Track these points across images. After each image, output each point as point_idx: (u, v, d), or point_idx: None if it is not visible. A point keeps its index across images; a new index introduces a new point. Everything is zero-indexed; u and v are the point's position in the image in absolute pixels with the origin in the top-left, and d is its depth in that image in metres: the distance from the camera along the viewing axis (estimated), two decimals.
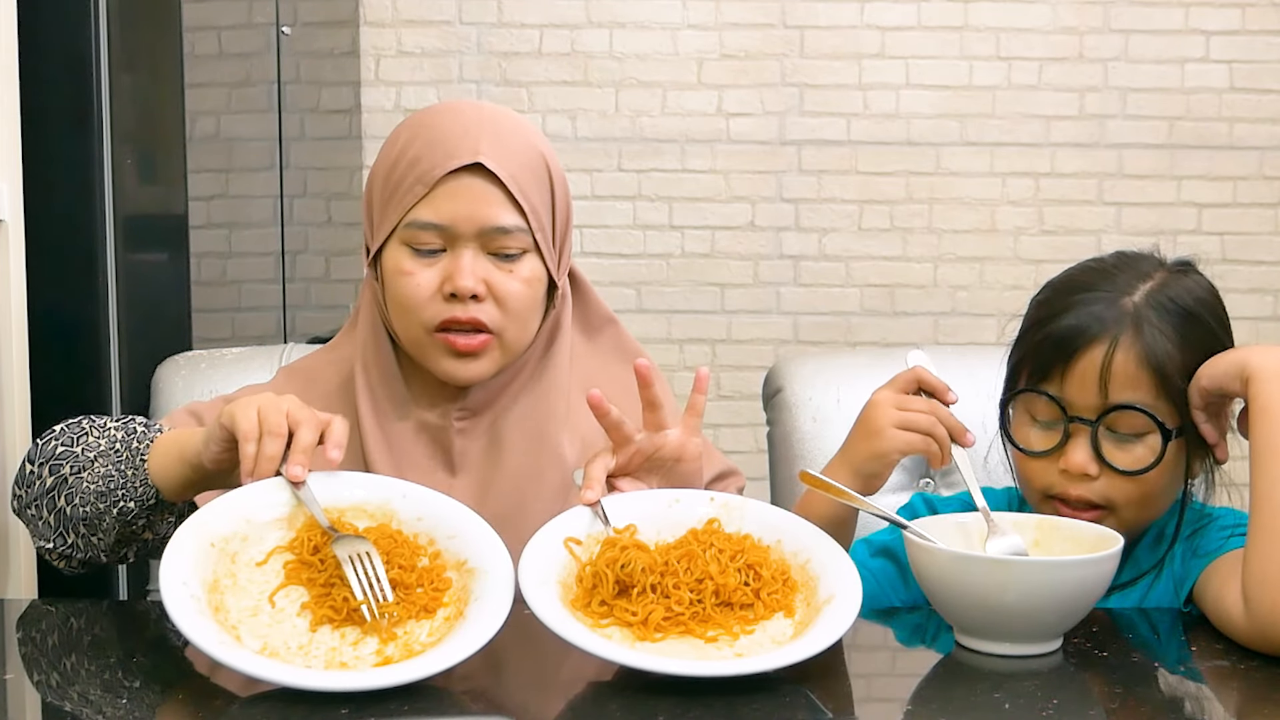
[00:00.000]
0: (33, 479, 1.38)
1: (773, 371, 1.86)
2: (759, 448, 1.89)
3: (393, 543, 1.16)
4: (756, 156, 3.70)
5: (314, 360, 1.54)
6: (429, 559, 1.18)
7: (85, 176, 1.84)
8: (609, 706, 1.08)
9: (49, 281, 1.81)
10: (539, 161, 1.43)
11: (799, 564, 1.22)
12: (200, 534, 1.14)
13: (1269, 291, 3.73)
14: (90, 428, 1.40)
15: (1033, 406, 1.38)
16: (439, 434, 1.45)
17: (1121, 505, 1.35)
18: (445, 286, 1.39)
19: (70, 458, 1.37)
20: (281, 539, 1.16)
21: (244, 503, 1.17)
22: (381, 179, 1.44)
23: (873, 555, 1.47)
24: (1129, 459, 1.33)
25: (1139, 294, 1.36)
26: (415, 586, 1.14)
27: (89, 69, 1.83)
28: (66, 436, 1.40)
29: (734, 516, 1.27)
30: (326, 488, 1.20)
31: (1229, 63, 3.67)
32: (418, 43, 3.66)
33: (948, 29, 3.67)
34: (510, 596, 1.14)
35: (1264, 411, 1.26)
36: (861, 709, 1.14)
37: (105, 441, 1.37)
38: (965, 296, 3.73)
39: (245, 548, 1.15)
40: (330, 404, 1.44)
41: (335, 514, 1.19)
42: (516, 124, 1.45)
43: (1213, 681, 1.20)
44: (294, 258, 2.77)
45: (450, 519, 1.21)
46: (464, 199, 1.38)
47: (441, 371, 1.42)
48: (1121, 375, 1.33)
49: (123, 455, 1.34)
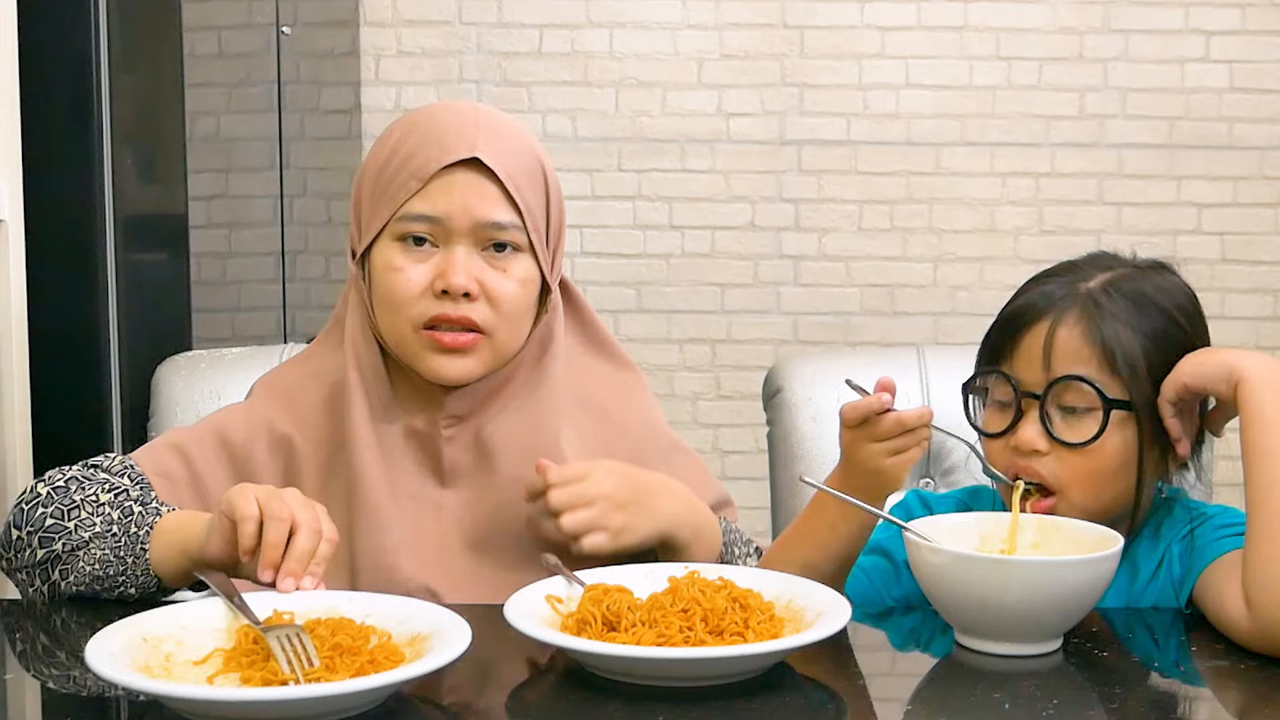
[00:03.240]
0: (21, 546, 1.34)
1: (773, 371, 1.86)
2: (759, 448, 1.89)
3: (337, 625, 1.12)
4: (756, 156, 3.70)
5: (291, 375, 1.49)
6: (380, 638, 1.13)
7: (85, 176, 1.84)
8: (609, 706, 1.08)
9: (49, 281, 1.81)
10: (535, 162, 1.42)
11: (782, 604, 1.21)
12: (132, 628, 1.11)
13: (1269, 291, 3.73)
14: (81, 499, 1.34)
15: (993, 390, 1.41)
16: (427, 441, 1.42)
17: (1072, 485, 1.35)
18: (437, 283, 1.37)
19: (62, 533, 1.32)
20: (221, 642, 1.13)
21: (179, 613, 1.15)
22: (372, 177, 1.41)
23: (865, 553, 1.47)
24: (1076, 434, 1.34)
25: (1095, 281, 1.38)
26: (365, 656, 1.09)
27: (89, 69, 1.83)
28: (55, 507, 1.34)
29: (711, 572, 1.25)
30: (272, 599, 1.17)
31: (1229, 63, 3.67)
32: (418, 43, 3.66)
33: (948, 29, 3.67)
34: (469, 636, 1.09)
35: (1257, 417, 1.26)
36: (861, 709, 1.14)
37: (100, 521, 1.32)
38: (965, 296, 3.73)
39: (181, 650, 1.12)
40: (316, 422, 1.42)
41: (284, 615, 1.14)
42: (512, 124, 1.44)
43: (1213, 681, 1.21)
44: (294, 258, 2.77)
45: (398, 609, 1.17)
46: (459, 193, 1.37)
47: (428, 370, 1.39)
48: (1064, 349, 1.34)
49: (121, 540, 1.31)
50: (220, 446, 1.42)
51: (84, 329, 1.86)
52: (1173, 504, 1.42)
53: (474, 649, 1.08)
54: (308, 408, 1.44)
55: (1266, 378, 1.27)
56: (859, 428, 1.31)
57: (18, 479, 1.75)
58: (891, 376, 1.32)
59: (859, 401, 1.30)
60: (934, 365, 1.79)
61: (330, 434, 1.42)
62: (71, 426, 1.86)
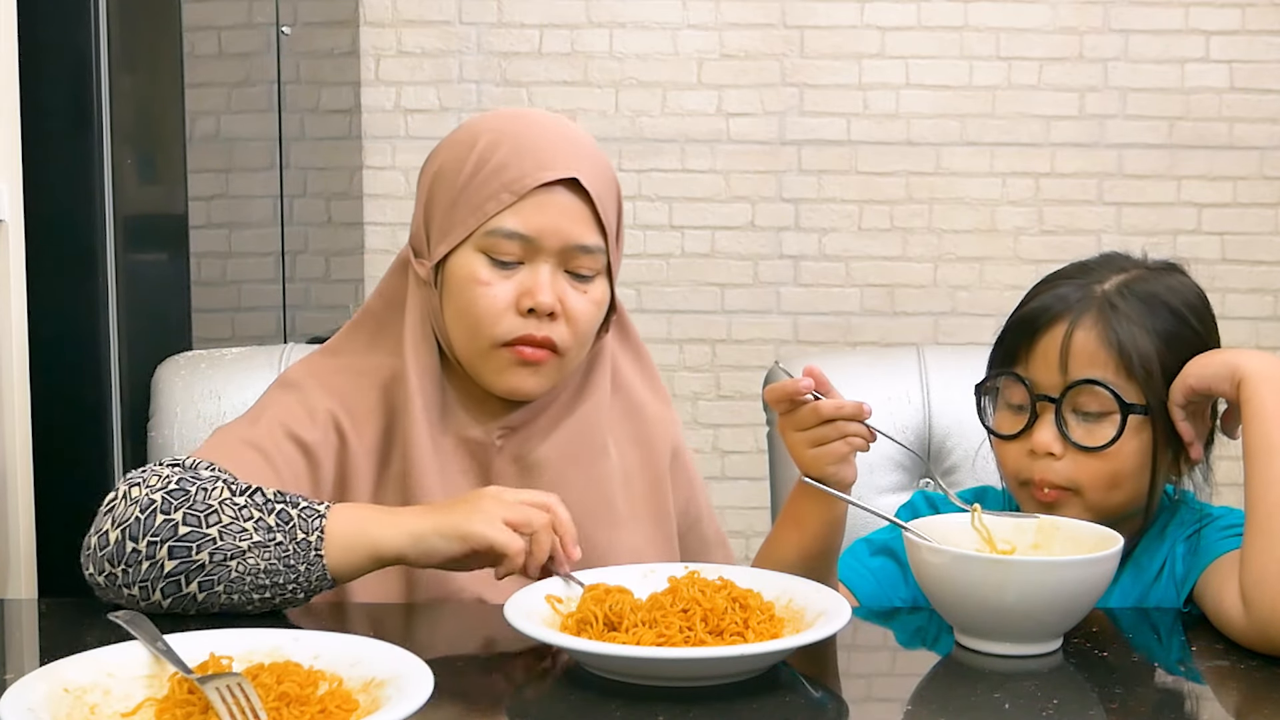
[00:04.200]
0: (138, 558, 1.21)
1: (773, 371, 1.86)
2: (759, 448, 1.89)
3: (283, 670, 1.03)
4: (756, 156, 3.70)
5: (335, 369, 1.43)
6: (330, 684, 1.04)
7: (85, 176, 1.84)
8: (609, 706, 1.08)
9: (49, 281, 1.80)
10: (615, 184, 1.42)
11: (782, 604, 1.21)
12: (51, 678, 1.01)
13: (1269, 291, 3.73)
14: (217, 503, 1.23)
15: (1007, 391, 1.40)
16: (479, 451, 1.41)
17: (1087, 487, 1.35)
18: (523, 301, 1.35)
19: (204, 541, 1.21)
20: (152, 692, 1.04)
21: (103, 657, 1.06)
22: (452, 182, 1.38)
23: (873, 554, 1.47)
24: (1093, 438, 1.34)
25: (1110, 283, 1.38)
26: (315, 706, 1.00)
27: (89, 69, 1.82)
28: (185, 514, 1.22)
29: (711, 572, 1.25)
30: (209, 642, 1.08)
31: (1229, 63, 3.67)
32: (418, 43, 3.66)
33: (948, 29, 3.66)
34: (430, 683, 1.01)
35: (1257, 414, 1.27)
36: (861, 709, 1.14)
37: (254, 526, 1.22)
38: (965, 296, 3.73)
39: (108, 700, 1.02)
40: (370, 421, 1.39)
41: (223, 660, 1.05)
42: (594, 142, 1.43)
43: (1213, 681, 1.21)
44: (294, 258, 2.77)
45: (350, 650, 1.08)
46: (553, 213, 1.35)
47: (502, 385, 1.37)
48: (1082, 353, 1.34)
49: (288, 547, 1.22)
50: (293, 443, 1.37)
51: (84, 329, 1.86)
52: (1179, 505, 1.42)
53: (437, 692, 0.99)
54: (362, 406, 1.40)
55: (1268, 375, 1.28)
56: (787, 415, 1.32)
57: (18, 479, 1.75)
58: (775, 403, 1.33)
59: (778, 384, 1.32)
60: (934, 365, 1.79)
61: (382, 435, 1.40)
62: (71, 426, 1.85)
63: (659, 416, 1.52)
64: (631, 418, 1.50)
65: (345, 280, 3.36)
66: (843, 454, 1.33)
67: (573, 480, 1.41)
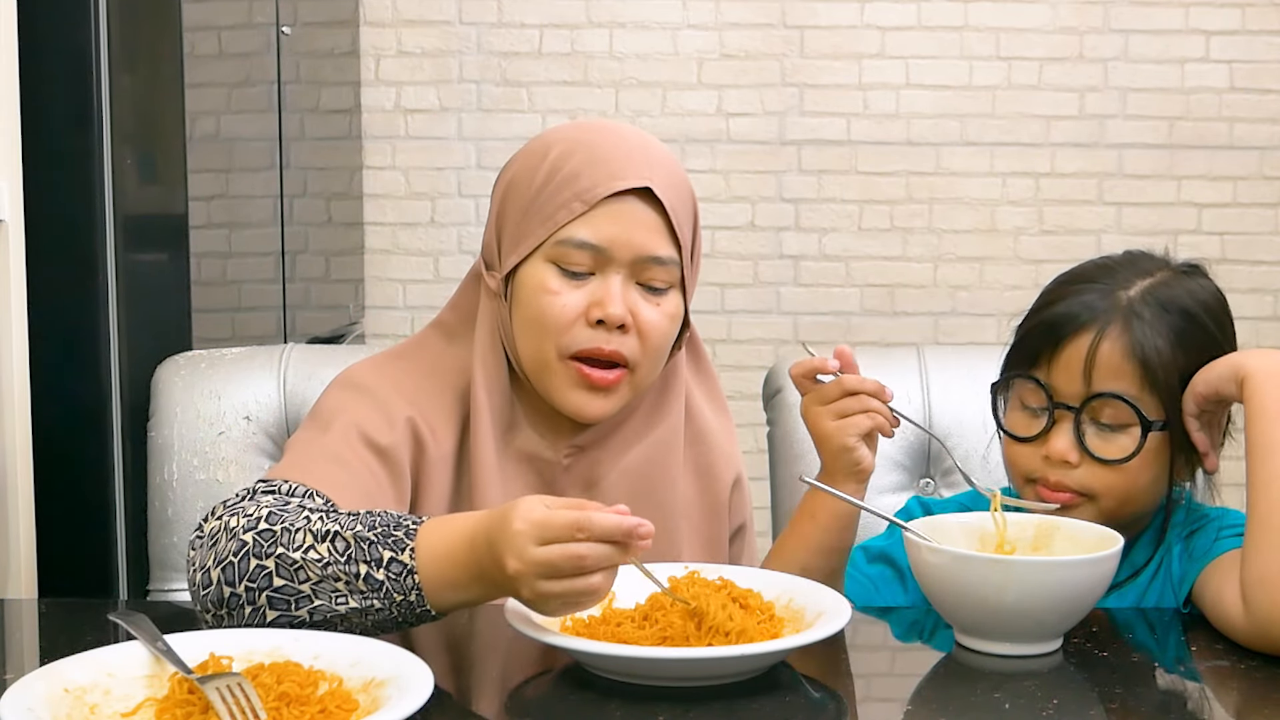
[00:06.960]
0: (238, 603, 1.15)
1: (773, 371, 1.86)
2: (759, 448, 1.88)
3: (284, 670, 1.03)
4: (756, 156, 3.70)
5: (414, 376, 1.39)
6: (330, 684, 1.04)
7: (85, 176, 1.83)
8: (609, 706, 1.08)
9: (49, 281, 1.80)
10: (691, 196, 1.40)
11: (782, 604, 1.21)
12: (51, 678, 1.02)
13: (1269, 291, 3.73)
14: (302, 556, 1.14)
15: (1023, 392, 1.39)
16: (544, 468, 1.38)
17: (1102, 495, 1.35)
18: (593, 311, 1.32)
19: (300, 599, 1.15)
20: (152, 692, 1.04)
21: (104, 657, 1.06)
22: (525, 192, 1.35)
23: (870, 561, 1.47)
24: (1110, 449, 1.34)
25: (1135, 289, 1.36)
26: (315, 706, 1.00)
27: (89, 69, 1.82)
28: (279, 564, 1.15)
29: (711, 572, 1.24)
30: (209, 642, 1.08)
31: (1229, 63, 3.67)
32: (418, 43, 3.66)
33: (948, 29, 3.67)
34: (431, 683, 1.01)
35: (1260, 411, 1.26)
36: (861, 709, 1.14)
37: (349, 590, 1.14)
38: (965, 296, 3.73)
39: (108, 700, 1.02)
40: (443, 428, 1.36)
41: (223, 660, 1.05)
42: (670, 153, 1.40)
43: (1213, 681, 1.21)
44: (294, 258, 2.77)
45: (350, 650, 1.08)
46: (625, 223, 1.33)
47: (567, 404, 1.34)
48: (1106, 365, 1.33)
49: (389, 611, 1.15)
50: (370, 450, 1.32)
51: (84, 329, 1.85)
52: (1177, 506, 1.41)
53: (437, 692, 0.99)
54: (439, 413, 1.37)
55: (1270, 373, 1.27)
56: (810, 392, 1.36)
57: (18, 479, 1.75)
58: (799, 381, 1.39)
59: (805, 360, 1.37)
60: (934, 365, 1.79)
61: (457, 443, 1.38)
62: (71, 426, 1.85)
63: (724, 446, 1.50)
64: (696, 445, 1.47)
65: (345, 280, 3.36)
66: (865, 427, 1.33)
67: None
